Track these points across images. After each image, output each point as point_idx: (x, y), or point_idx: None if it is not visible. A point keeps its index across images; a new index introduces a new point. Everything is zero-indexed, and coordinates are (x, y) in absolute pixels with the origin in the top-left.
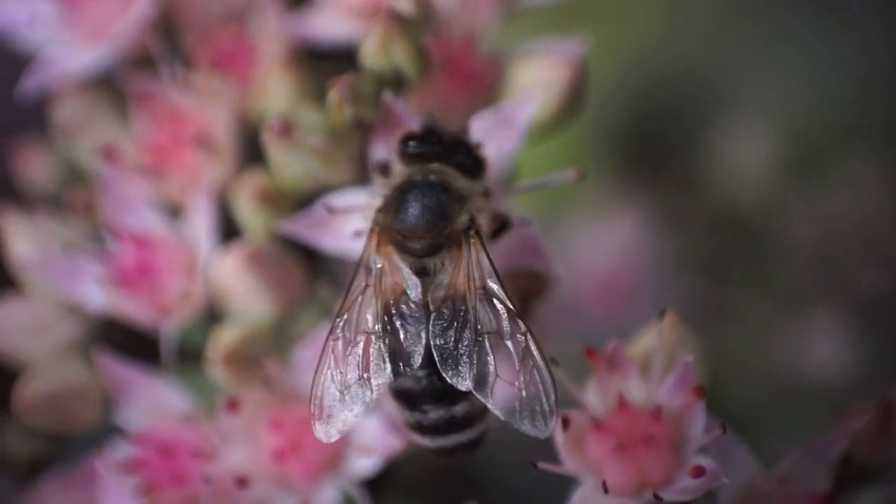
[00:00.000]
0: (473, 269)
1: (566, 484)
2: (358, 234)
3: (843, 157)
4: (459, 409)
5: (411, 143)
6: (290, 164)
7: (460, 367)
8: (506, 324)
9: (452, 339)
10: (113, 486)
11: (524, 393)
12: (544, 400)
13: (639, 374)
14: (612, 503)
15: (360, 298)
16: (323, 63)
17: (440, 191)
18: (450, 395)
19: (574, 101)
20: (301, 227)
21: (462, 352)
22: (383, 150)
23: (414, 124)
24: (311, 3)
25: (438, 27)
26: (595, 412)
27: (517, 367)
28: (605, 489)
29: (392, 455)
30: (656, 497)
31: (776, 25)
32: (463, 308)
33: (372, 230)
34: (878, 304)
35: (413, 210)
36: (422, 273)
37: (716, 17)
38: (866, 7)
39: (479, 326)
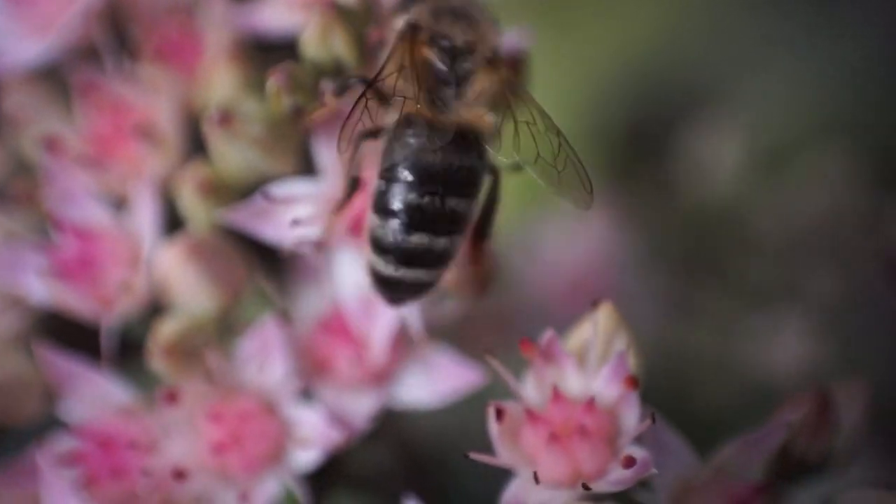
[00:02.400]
0: (506, 75)
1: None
2: (298, 222)
3: (813, 157)
4: (441, 242)
5: None
6: (230, 154)
7: (505, 144)
8: (540, 119)
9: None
10: (54, 479)
11: (562, 174)
12: (583, 178)
13: (575, 366)
14: (546, 494)
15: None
16: (269, 54)
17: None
18: (443, 224)
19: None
20: (242, 217)
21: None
22: (325, 141)
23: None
24: None
25: (380, 15)
26: (530, 403)
27: (554, 154)
28: (537, 480)
29: (332, 448)
30: (585, 487)
31: (768, 29)
32: (502, 102)
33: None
34: (844, 302)
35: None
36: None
37: (708, 21)
38: (859, 10)
39: (518, 117)
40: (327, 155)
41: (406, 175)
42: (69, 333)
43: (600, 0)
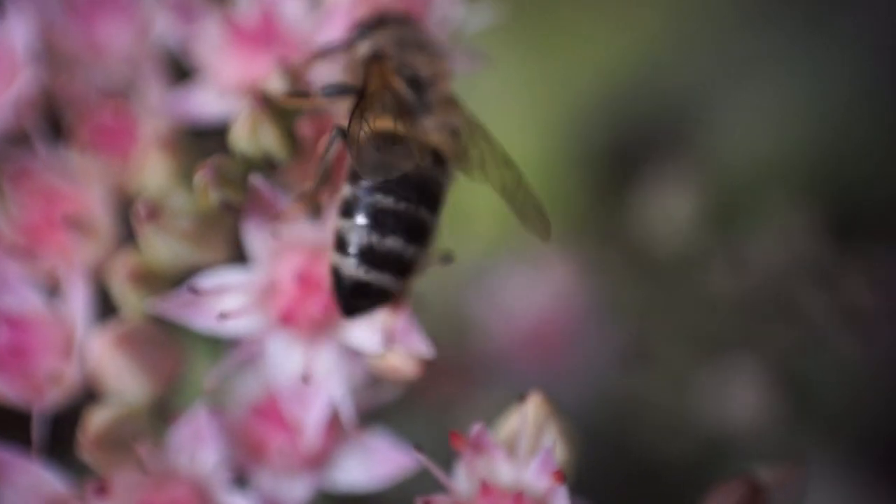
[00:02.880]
0: (464, 111)
1: None
2: (225, 315)
3: (770, 206)
4: (411, 250)
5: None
6: (159, 247)
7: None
8: (498, 155)
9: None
10: None
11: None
12: (540, 213)
13: (506, 457)
14: None
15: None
16: (205, 139)
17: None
18: (415, 232)
19: None
20: (172, 307)
21: (472, 158)
22: (255, 230)
23: (283, 205)
24: (193, 77)
25: (315, 105)
26: (459, 496)
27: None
28: None
29: None
30: None
31: (748, 54)
32: (465, 131)
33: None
34: (798, 354)
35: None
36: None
37: (688, 45)
38: (840, 42)
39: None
40: (258, 242)
41: (381, 182)
42: (4, 420)
43: (580, 25)
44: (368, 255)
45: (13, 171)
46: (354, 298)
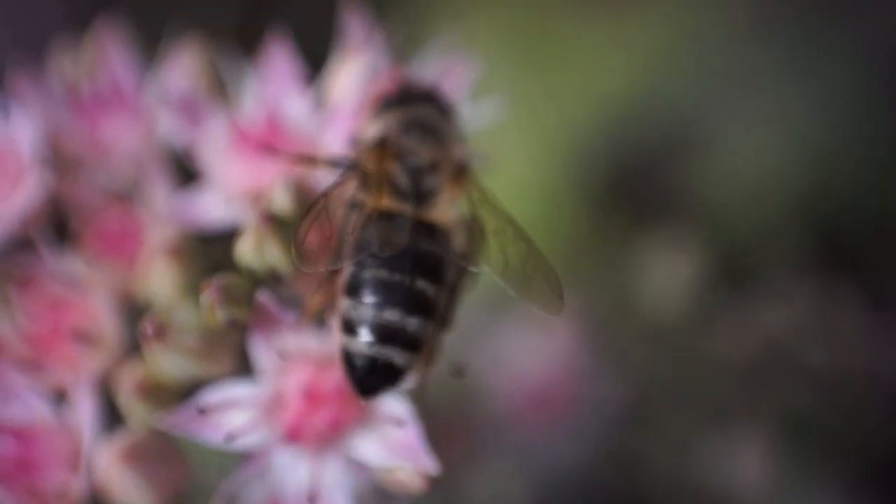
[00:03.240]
0: (472, 191)
1: None
2: (232, 434)
3: (773, 267)
4: (413, 322)
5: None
6: (165, 363)
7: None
8: (509, 227)
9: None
10: None
11: (531, 281)
12: (552, 284)
13: None
14: None
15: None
16: (212, 243)
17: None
18: (414, 303)
19: None
20: (178, 421)
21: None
22: (261, 344)
23: (290, 320)
24: (199, 179)
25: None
26: None
27: (524, 262)
28: None
29: None
30: None
31: (749, 75)
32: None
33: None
34: (804, 420)
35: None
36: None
37: (686, 71)
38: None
39: (486, 227)
40: (264, 356)
41: (376, 258)
42: None
43: (579, 54)
44: (370, 330)
45: (19, 279)
46: (364, 377)
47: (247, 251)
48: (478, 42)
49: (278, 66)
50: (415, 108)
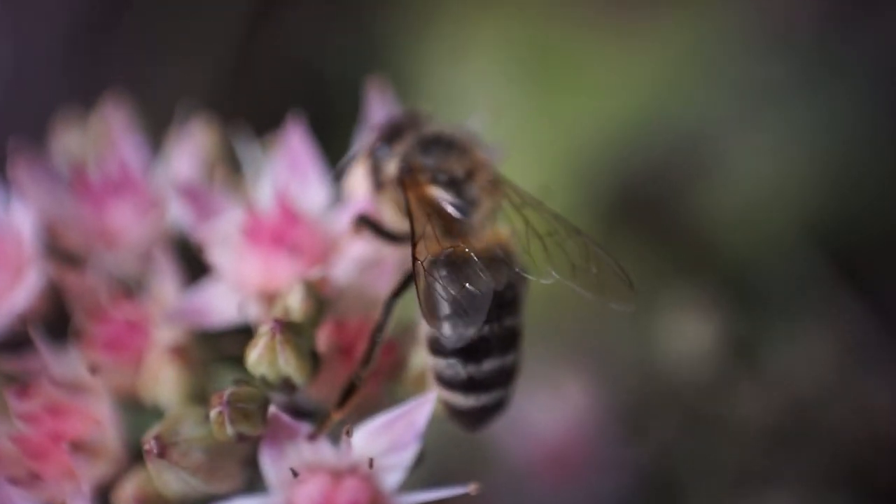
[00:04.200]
0: (508, 191)
1: None
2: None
3: (782, 286)
4: (510, 359)
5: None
6: (169, 480)
7: (538, 263)
8: (559, 225)
9: (526, 246)
10: None
11: (599, 276)
12: (619, 273)
13: None
14: None
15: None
16: (221, 339)
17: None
18: (507, 341)
19: None
20: None
21: (535, 252)
22: (274, 459)
23: (303, 432)
24: (210, 273)
25: (335, 310)
26: None
27: (586, 257)
28: None
29: None
30: None
31: (757, 93)
32: (519, 222)
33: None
34: (829, 483)
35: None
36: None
37: (692, 91)
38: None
39: (538, 230)
40: (276, 470)
41: (459, 311)
42: None
43: (585, 73)
44: (471, 386)
45: (17, 386)
46: (474, 420)
47: (259, 362)
48: (483, 61)
49: (295, 152)
50: (420, 128)
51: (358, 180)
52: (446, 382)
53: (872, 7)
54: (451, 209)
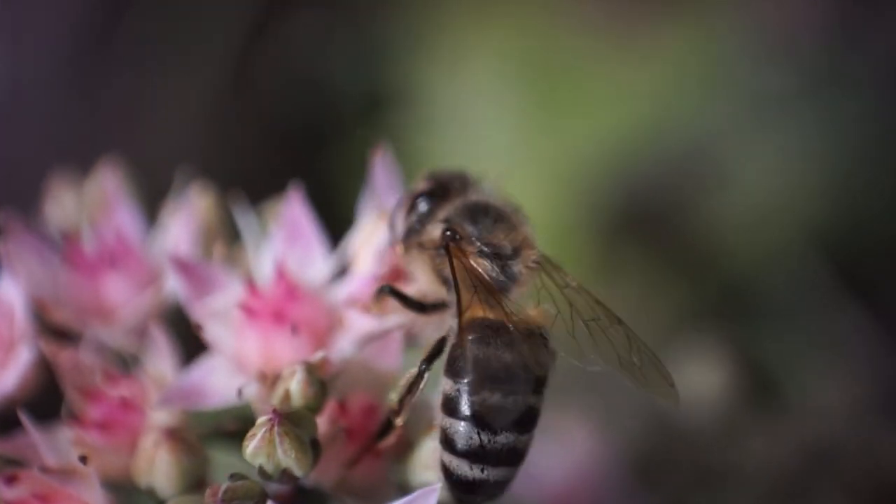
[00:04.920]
0: (552, 272)
1: None
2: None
3: (802, 381)
4: (524, 440)
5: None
6: None
7: (583, 349)
8: (602, 312)
9: (571, 329)
10: None
11: (642, 369)
12: (661, 369)
13: None
14: None
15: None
16: (218, 415)
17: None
18: (526, 418)
19: None
20: None
21: (580, 336)
22: None
23: None
24: (208, 351)
25: (337, 389)
26: None
27: (628, 348)
28: None
29: None
30: None
31: (760, 107)
32: (563, 304)
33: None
34: None
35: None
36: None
37: (696, 107)
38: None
39: (583, 315)
40: None
41: (486, 378)
42: None
43: (587, 87)
44: (480, 456)
45: (6, 471)
46: (472, 494)
47: (257, 453)
48: (483, 72)
49: (295, 222)
50: (467, 194)
51: (364, 246)
52: (454, 447)
53: (877, 16)
54: (494, 280)
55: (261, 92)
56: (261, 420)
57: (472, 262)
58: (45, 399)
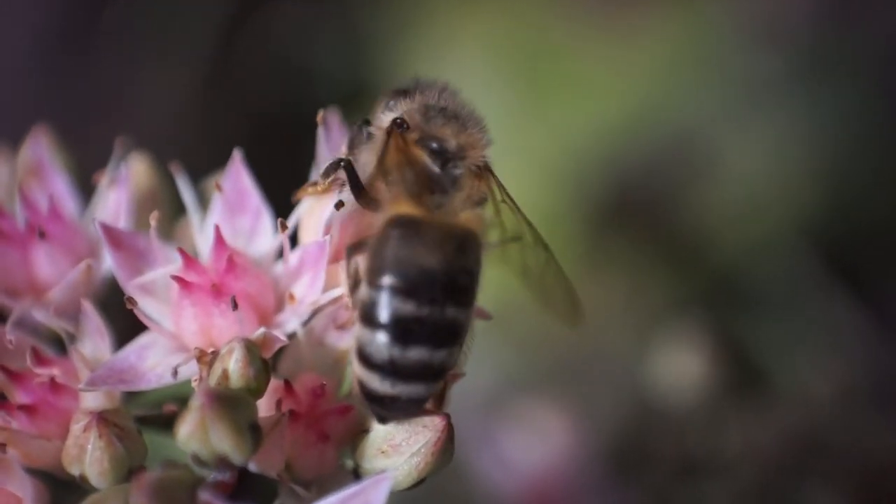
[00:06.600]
0: (493, 184)
1: None
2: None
3: (790, 370)
4: (440, 355)
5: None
6: None
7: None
8: (528, 232)
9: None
10: None
11: (549, 290)
12: (571, 296)
13: None
14: None
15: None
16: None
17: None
18: (443, 335)
19: (444, 457)
20: None
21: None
22: None
23: None
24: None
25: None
26: None
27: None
28: None
29: None
30: None
31: (751, 95)
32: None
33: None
34: None
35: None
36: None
37: (687, 95)
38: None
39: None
40: None
41: (401, 281)
42: None
43: (578, 73)
44: (392, 370)
45: None
46: (384, 410)
47: (189, 439)
48: (472, 60)
49: (239, 191)
50: (431, 95)
51: (310, 216)
52: (366, 359)
53: (867, 3)
54: (431, 175)
55: (244, 82)
56: (193, 403)
57: (411, 150)
58: None
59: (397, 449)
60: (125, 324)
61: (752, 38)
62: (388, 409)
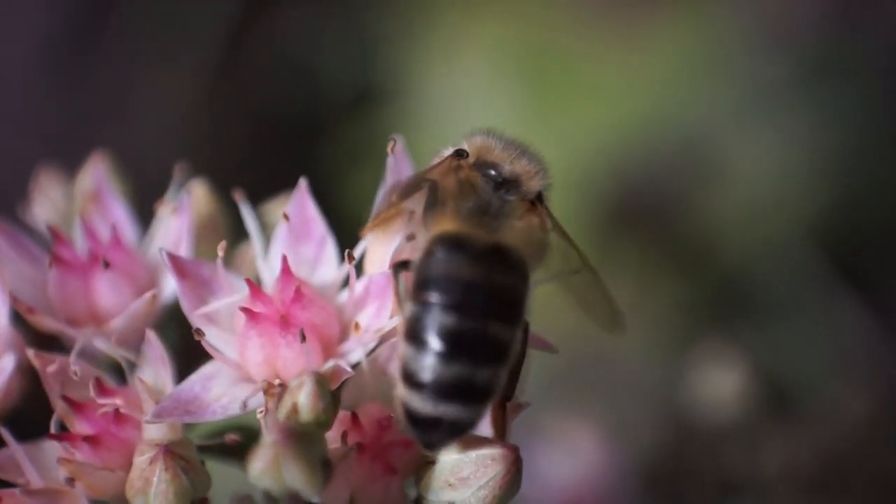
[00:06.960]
0: (544, 216)
1: None
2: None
3: (812, 383)
4: (483, 374)
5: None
6: None
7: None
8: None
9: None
10: None
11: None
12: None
13: None
14: None
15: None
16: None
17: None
18: (486, 352)
19: (511, 490)
20: None
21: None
22: None
23: None
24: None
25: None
26: None
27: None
28: None
29: None
30: None
31: (755, 106)
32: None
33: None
34: None
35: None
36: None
37: (693, 99)
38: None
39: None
40: None
41: (443, 295)
42: None
43: (586, 77)
44: (434, 388)
45: None
46: (428, 433)
47: (262, 475)
48: (479, 63)
49: (305, 223)
50: (494, 131)
51: (376, 245)
52: (409, 377)
53: (876, 5)
54: (482, 198)
55: (250, 84)
56: (266, 441)
57: (468, 175)
58: (31, 412)
59: (465, 482)
60: (185, 355)
61: (759, 42)
62: (430, 433)
